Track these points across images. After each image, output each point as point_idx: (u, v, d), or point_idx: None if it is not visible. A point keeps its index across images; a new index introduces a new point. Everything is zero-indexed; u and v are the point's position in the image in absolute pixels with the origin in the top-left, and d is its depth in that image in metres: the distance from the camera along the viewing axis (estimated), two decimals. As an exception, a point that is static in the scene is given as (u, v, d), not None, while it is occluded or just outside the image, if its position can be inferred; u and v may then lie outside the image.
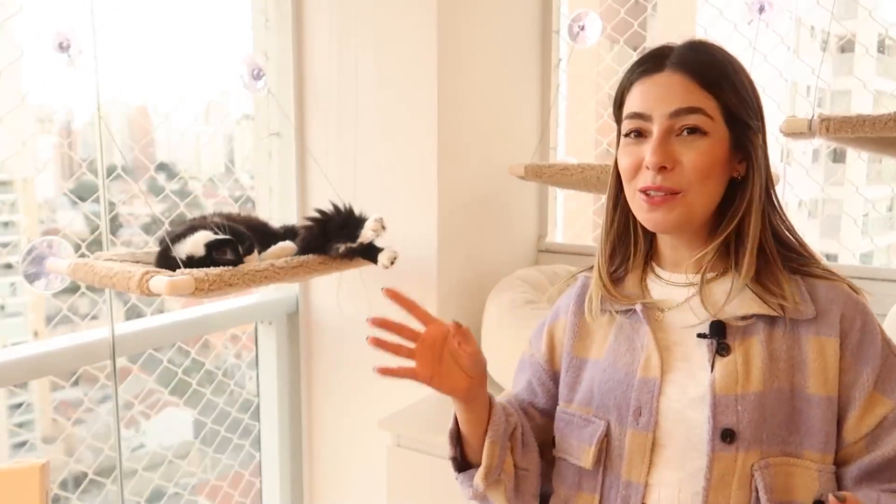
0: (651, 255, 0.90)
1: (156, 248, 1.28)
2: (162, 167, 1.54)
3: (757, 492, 0.76)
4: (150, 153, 1.52)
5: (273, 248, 1.31)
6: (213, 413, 1.64)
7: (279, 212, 1.66)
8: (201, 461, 1.67)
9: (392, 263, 1.35)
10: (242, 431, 1.71)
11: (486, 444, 0.84)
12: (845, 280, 0.82)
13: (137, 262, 1.24)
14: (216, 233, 1.22)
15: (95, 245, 1.35)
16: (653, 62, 0.82)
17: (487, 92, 1.63)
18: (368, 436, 1.61)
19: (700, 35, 1.84)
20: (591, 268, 0.94)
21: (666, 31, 2.07)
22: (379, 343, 0.83)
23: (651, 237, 0.90)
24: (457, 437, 0.89)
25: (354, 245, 1.32)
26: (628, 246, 0.90)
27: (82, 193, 1.40)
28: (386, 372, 0.83)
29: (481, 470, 0.84)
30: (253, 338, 1.70)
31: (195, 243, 1.20)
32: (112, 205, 1.40)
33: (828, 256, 1.64)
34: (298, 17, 1.60)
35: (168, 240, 1.22)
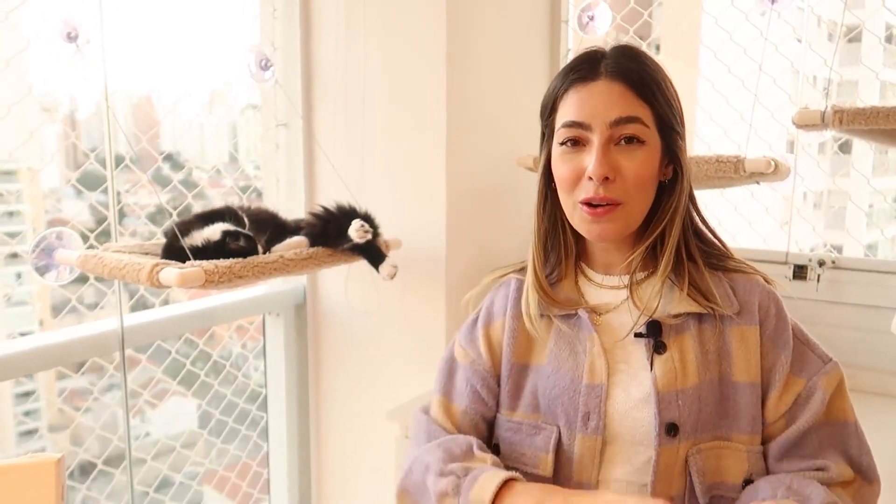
0: (580, 257, 0.92)
1: (165, 240, 1.27)
2: (167, 157, 1.53)
3: (690, 476, 0.80)
4: (156, 143, 1.51)
5: (286, 242, 1.31)
6: (220, 404, 1.65)
7: (286, 202, 1.65)
8: (208, 451, 1.67)
9: (392, 278, 1.35)
10: (250, 422, 1.71)
11: None
12: (759, 272, 0.87)
13: (146, 253, 1.24)
14: (234, 224, 1.22)
15: (103, 236, 1.35)
16: (587, 69, 0.82)
17: (496, 82, 1.62)
18: (376, 427, 1.61)
19: (709, 25, 1.83)
20: (520, 270, 0.94)
21: (674, 21, 2.05)
22: None
23: (579, 240, 0.91)
24: None
25: (361, 243, 1.31)
26: (559, 250, 0.91)
27: (88, 184, 1.40)
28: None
29: None
30: (260, 329, 1.70)
31: (213, 230, 1.20)
32: (119, 195, 1.39)
33: (833, 248, 1.63)
34: (306, 7, 1.58)
35: (178, 230, 1.22)
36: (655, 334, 0.83)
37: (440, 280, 1.50)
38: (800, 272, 1.55)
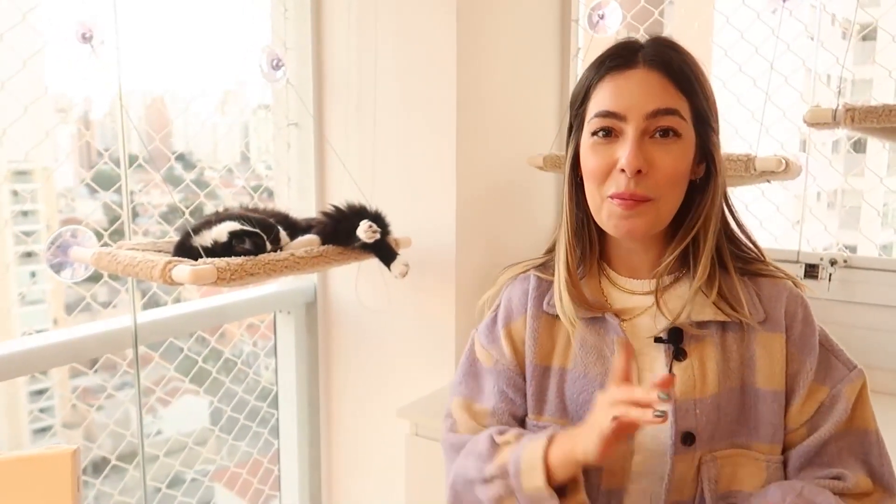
0: (601, 257, 0.88)
1: (177, 238, 1.29)
2: (180, 157, 1.55)
3: (701, 482, 0.78)
4: (169, 143, 1.53)
5: (298, 240, 1.32)
6: (232, 401, 1.66)
7: (298, 202, 1.66)
8: (220, 448, 1.69)
9: (404, 276, 1.36)
10: (261, 420, 1.73)
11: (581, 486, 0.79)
12: (789, 276, 0.84)
13: (160, 251, 1.25)
14: (243, 224, 1.23)
15: (117, 234, 1.36)
16: (625, 57, 0.78)
17: (506, 82, 1.62)
18: (387, 424, 1.62)
19: (721, 23, 1.82)
20: (539, 266, 0.90)
21: (685, 19, 2.04)
22: None
23: (603, 240, 0.87)
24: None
25: (370, 242, 1.32)
26: (584, 249, 0.86)
27: (101, 183, 1.41)
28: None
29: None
30: (271, 327, 1.71)
31: (220, 232, 1.21)
32: (132, 194, 1.41)
33: (847, 248, 1.63)
34: (317, 7, 1.59)
35: (191, 229, 1.23)
36: (676, 341, 0.81)
37: (450, 278, 1.50)
38: (811, 271, 1.54)
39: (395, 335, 1.61)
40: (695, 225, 0.81)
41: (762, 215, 1.70)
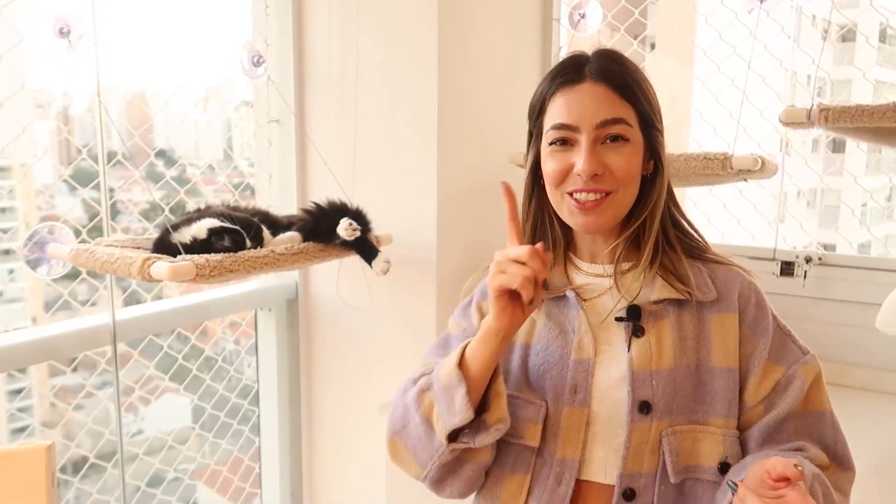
0: (568, 247, 0.96)
1: (157, 235, 1.28)
2: (160, 153, 1.54)
3: (663, 455, 0.84)
4: (149, 139, 1.52)
5: (279, 237, 1.32)
6: (212, 399, 1.65)
7: (279, 199, 1.66)
8: (201, 446, 1.68)
9: (385, 273, 1.36)
10: (242, 417, 1.72)
11: (500, 375, 0.86)
12: (737, 265, 0.92)
13: (138, 248, 1.25)
14: (223, 221, 1.23)
15: (95, 231, 1.35)
16: (572, 72, 0.86)
17: (488, 79, 1.63)
18: (368, 421, 1.62)
19: (701, 24, 1.84)
20: None
21: (666, 19, 2.06)
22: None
23: (567, 231, 0.95)
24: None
25: (350, 240, 1.32)
26: (547, 241, 0.95)
27: (80, 180, 1.40)
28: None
29: (503, 400, 0.84)
30: (252, 324, 1.70)
31: (199, 228, 1.21)
32: (111, 191, 1.40)
33: (825, 247, 1.65)
34: (298, 4, 1.59)
35: (170, 226, 1.23)
36: (635, 318, 0.87)
37: (431, 275, 1.50)
38: (787, 269, 1.57)
39: (376, 332, 1.61)
40: (643, 213, 0.89)
41: (740, 214, 1.73)
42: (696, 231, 0.94)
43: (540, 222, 0.95)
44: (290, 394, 1.70)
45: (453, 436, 0.85)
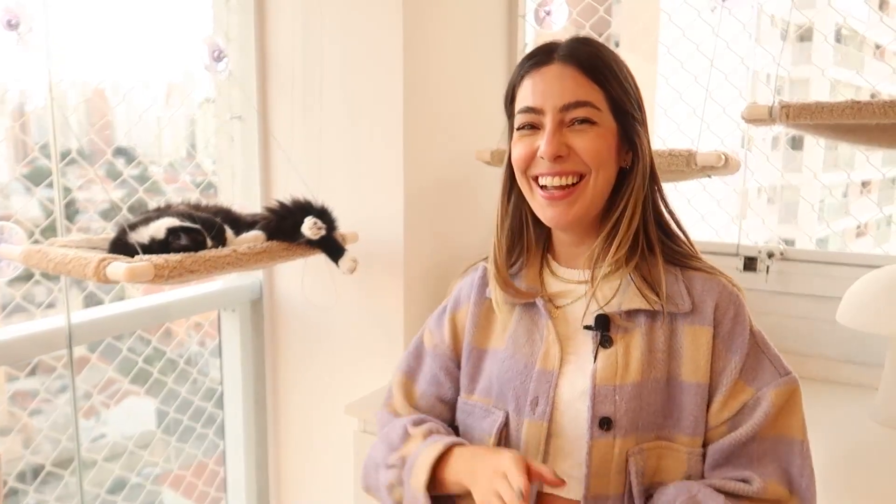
0: (547, 250, 0.92)
1: (113, 234, 1.24)
2: (121, 151, 1.50)
3: (629, 476, 0.79)
4: (109, 137, 1.47)
5: (242, 236, 1.29)
6: (175, 402, 1.62)
7: (242, 197, 1.63)
8: (164, 450, 1.64)
9: (352, 272, 1.34)
10: (206, 420, 1.69)
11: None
12: (723, 274, 0.86)
13: (94, 248, 1.21)
14: (183, 221, 1.19)
15: (50, 231, 1.31)
16: (542, 56, 0.84)
17: (454, 76, 1.62)
18: (335, 422, 1.60)
19: (665, 22, 1.86)
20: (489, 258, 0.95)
21: (631, 17, 2.08)
22: None
23: (546, 233, 0.92)
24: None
25: (315, 238, 1.30)
26: (523, 242, 0.92)
27: (37, 178, 1.36)
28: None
29: None
30: (216, 325, 1.67)
31: (158, 228, 1.18)
32: (67, 190, 1.35)
33: (786, 242, 1.68)
34: (260, -2, 1.56)
35: (127, 226, 1.19)
36: (603, 328, 0.83)
37: (398, 273, 1.49)
38: (750, 264, 1.59)
39: (342, 331, 1.59)
40: (619, 206, 0.84)
41: (704, 210, 1.75)
42: (684, 234, 0.88)
43: (516, 221, 0.91)
44: (256, 396, 1.68)
45: None
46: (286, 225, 1.33)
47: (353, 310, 1.56)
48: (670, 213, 0.88)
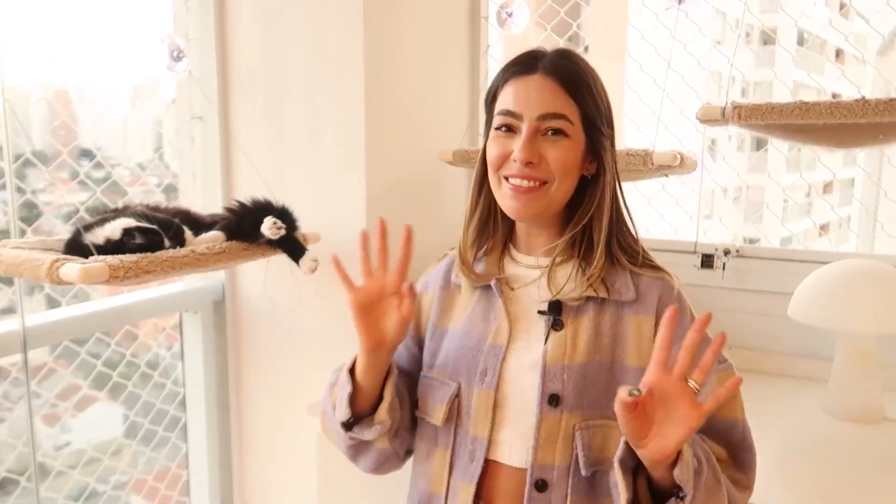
0: (509, 239, 1.00)
1: (68, 236, 1.23)
2: (85, 153, 1.48)
3: (576, 449, 0.87)
4: (71, 138, 1.45)
5: (203, 236, 1.28)
6: (136, 404, 1.60)
7: (203, 198, 1.61)
8: (126, 455, 1.62)
9: (313, 272, 1.35)
10: (169, 423, 1.67)
11: (389, 384, 0.93)
12: (666, 271, 0.94)
13: (49, 249, 1.19)
14: (139, 222, 1.18)
15: (4, 235, 1.29)
16: (527, 64, 0.90)
17: (416, 77, 1.63)
18: (298, 422, 1.60)
19: (630, 22, 1.89)
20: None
21: (597, 18, 2.10)
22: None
23: (510, 224, 0.99)
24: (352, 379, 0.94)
25: (275, 238, 1.30)
26: (489, 230, 0.99)
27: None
28: (337, 266, 0.92)
29: (385, 404, 0.92)
30: (177, 327, 1.66)
31: (113, 229, 1.17)
32: (23, 192, 1.33)
33: (750, 241, 1.72)
34: (220, -3, 1.55)
35: (82, 227, 1.18)
36: (556, 313, 0.90)
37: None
38: (707, 261, 1.63)
39: (305, 332, 1.59)
40: (587, 214, 0.92)
41: (664, 209, 1.78)
42: (634, 238, 0.96)
43: (486, 211, 0.97)
44: (219, 397, 1.66)
45: (350, 425, 0.94)
46: (246, 225, 1.33)
47: (315, 310, 1.56)
48: (630, 218, 0.96)
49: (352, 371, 0.93)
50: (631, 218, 0.96)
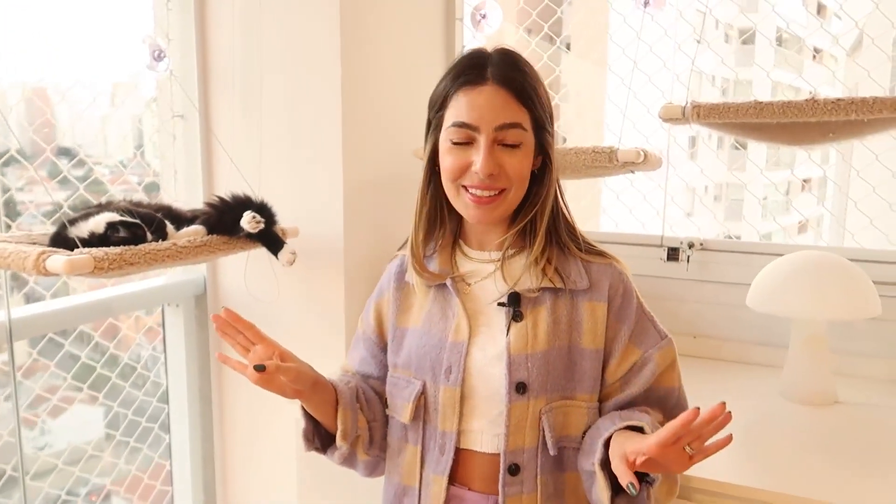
0: (458, 235, 1.04)
1: (53, 230, 1.26)
2: (65, 151, 1.51)
3: (543, 430, 0.92)
4: (51, 136, 1.48)
5: (184, 230, 1.32)
6: (118, 398, 1.63)
7: (185, 195, 1.65)
8: (108, 449, 1.65)
9: (291, 264, 1.39)
10: (150, 417, 1.70)
11: (339, 411, 0.98)
12: (613, 257, 1.00)
13: (34, 243, 1.23)
14: (122, 216, 1.22)
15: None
16: (475, 73, 0.92)
17: (392, 76, 1.68)
18: (279, 414, 1.64)
19: (601, 23, 1.94)
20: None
21: (578, 18, 2.16)
22: (223, 329, 1.01)
23: (458, 219, 1.02)
24: (310, 419, 1.02)
25: (254, 232, 1.34)
26: (438, 229, 1.02)
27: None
28: (225, 361, 0.98)
29: (339, 432, 0.97)
30: (160, 321, 1.69)
31: (97, 223, 1.20)
32: (6, 189, 1.36)
33: (732, 237, 1.78)
34: (200, -1, 1.59)
35: (66, 221, 1.22)
36: (515, 304, 0.95)
37: (339, 267, 1.54)
38: (673, 254, 1.69)
39: (285, 324, 1.63)
40: (534, 207, 0.97)
41: (633, 204, 1.84)
42: (573, 225, 1.02)
43: (434, 210, 1.01)
44: (201, 390, 1.70)
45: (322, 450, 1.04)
46: (226, 219, 1.37)
47: (295, 303, 1.60)
48: (566, 208, 1.01)
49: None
50: (566, 203, 1.01)
